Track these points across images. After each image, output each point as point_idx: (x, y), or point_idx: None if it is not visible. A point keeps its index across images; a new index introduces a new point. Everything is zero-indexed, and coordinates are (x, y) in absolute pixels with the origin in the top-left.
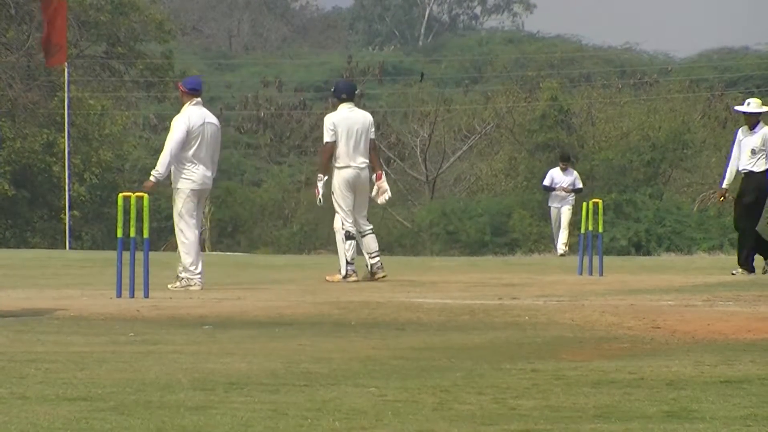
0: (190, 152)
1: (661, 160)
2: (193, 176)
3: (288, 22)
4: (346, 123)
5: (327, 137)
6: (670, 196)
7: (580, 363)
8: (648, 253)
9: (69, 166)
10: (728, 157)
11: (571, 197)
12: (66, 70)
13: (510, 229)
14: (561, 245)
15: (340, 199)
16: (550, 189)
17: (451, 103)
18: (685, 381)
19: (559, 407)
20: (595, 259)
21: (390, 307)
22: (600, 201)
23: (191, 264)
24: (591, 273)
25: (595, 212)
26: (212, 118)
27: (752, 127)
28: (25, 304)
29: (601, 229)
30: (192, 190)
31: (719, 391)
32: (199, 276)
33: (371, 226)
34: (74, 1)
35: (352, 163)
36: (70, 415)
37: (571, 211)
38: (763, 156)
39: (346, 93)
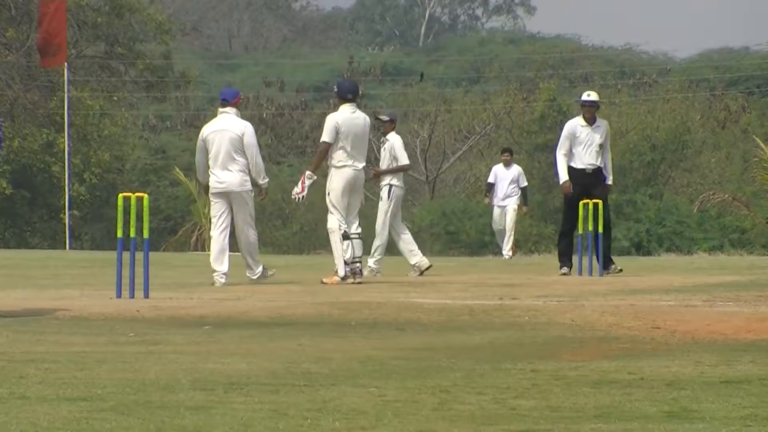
0: (209, 159)
1: (660, 161)
2: (211, 181)
3: (288, 22)
4: (350, 124)
5: (327, 137)
6: (670, 196)
7: (580, 363)
8: (649, 254)
9: (69, 166)
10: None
11: (516, 195)
12: (66, 70)
13: None
14: (506, 250)
15: (336, 200)
16: (491, 186)
17: (451, 104)
18: (685, 381)
19: (559, 407)
20: (594, 260)
21: (390, 307)
22: (600, 201)
23: (212, 262)
24: (591, 273)
25: (595, 212)
26: (229, 125)
27: (592, 122)
28: (25, 304)
29: (601, 230)
30: (211, 193)
31: (719, 391)
32: (216, 274)
33: (360, 231)
34: (72, 1)
35: (353, 165)
36: (70, 415)
37: (516, 211)
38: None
39: (352, 93)
